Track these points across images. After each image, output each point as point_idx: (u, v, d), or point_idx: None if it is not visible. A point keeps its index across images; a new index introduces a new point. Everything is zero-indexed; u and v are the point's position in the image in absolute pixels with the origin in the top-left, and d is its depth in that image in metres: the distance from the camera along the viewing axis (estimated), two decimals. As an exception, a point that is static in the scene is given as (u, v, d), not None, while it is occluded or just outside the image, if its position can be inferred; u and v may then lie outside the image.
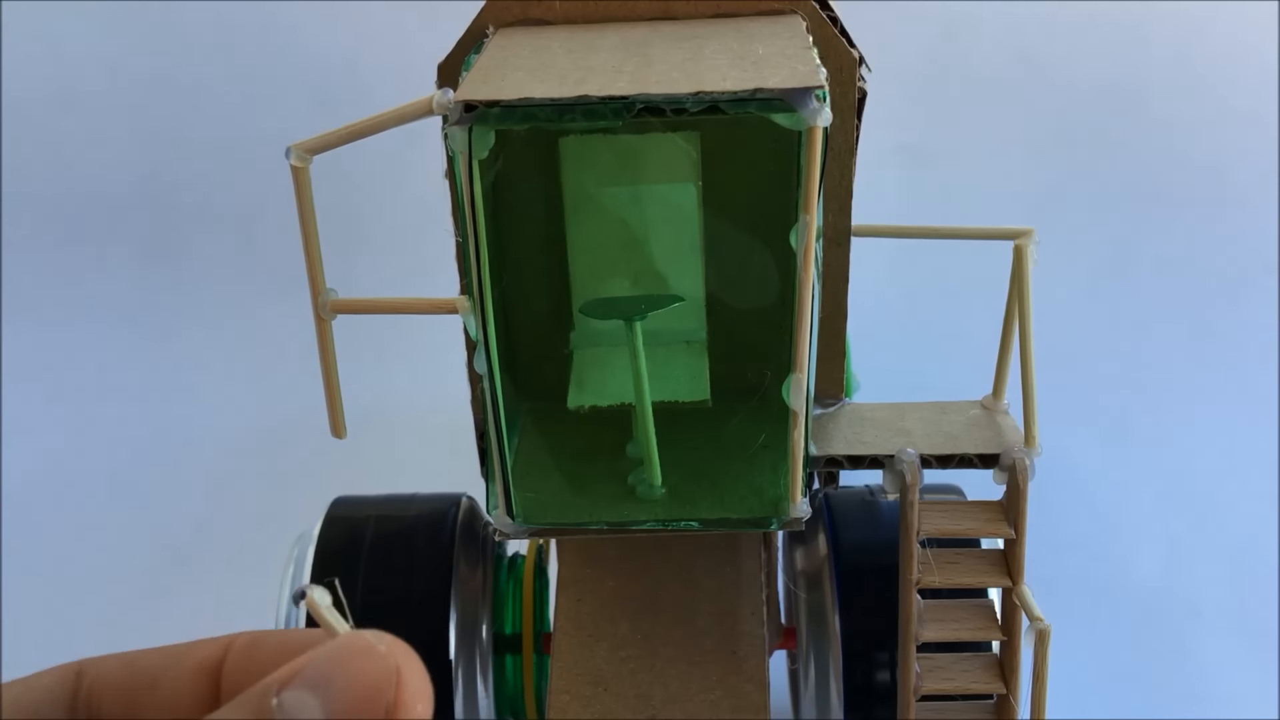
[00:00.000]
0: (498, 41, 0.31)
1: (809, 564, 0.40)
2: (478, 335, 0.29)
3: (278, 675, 0.21)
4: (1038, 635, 0.32)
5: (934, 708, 0.35)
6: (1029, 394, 0.34)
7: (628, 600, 0.37)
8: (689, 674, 0.36)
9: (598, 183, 0.32)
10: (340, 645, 0.22)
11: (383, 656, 0.21)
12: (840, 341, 0.37)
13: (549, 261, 0.34)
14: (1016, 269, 0.35)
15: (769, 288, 0.32)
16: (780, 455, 0.31)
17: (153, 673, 0.26)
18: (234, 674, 0.26)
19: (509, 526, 0.32)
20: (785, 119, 0.26)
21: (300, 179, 0.27)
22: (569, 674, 0.36)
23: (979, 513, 0.35)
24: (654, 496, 0.32)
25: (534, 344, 0.34)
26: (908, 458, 0.34)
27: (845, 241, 0.36)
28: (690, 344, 0.34)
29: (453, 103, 0.26)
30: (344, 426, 0.30)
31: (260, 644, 0.26)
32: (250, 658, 0.26)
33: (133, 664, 0.27)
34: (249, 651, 0.26)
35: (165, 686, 0.26)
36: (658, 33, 0.31)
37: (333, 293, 0.28)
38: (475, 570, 0.40)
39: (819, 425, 0.37)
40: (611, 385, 0.33)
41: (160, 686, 0.26)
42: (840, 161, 0.34)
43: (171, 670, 0.26)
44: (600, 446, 0.34)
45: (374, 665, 0.21)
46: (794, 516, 0.31)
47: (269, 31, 0.82)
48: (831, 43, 0.33)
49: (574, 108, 0.26)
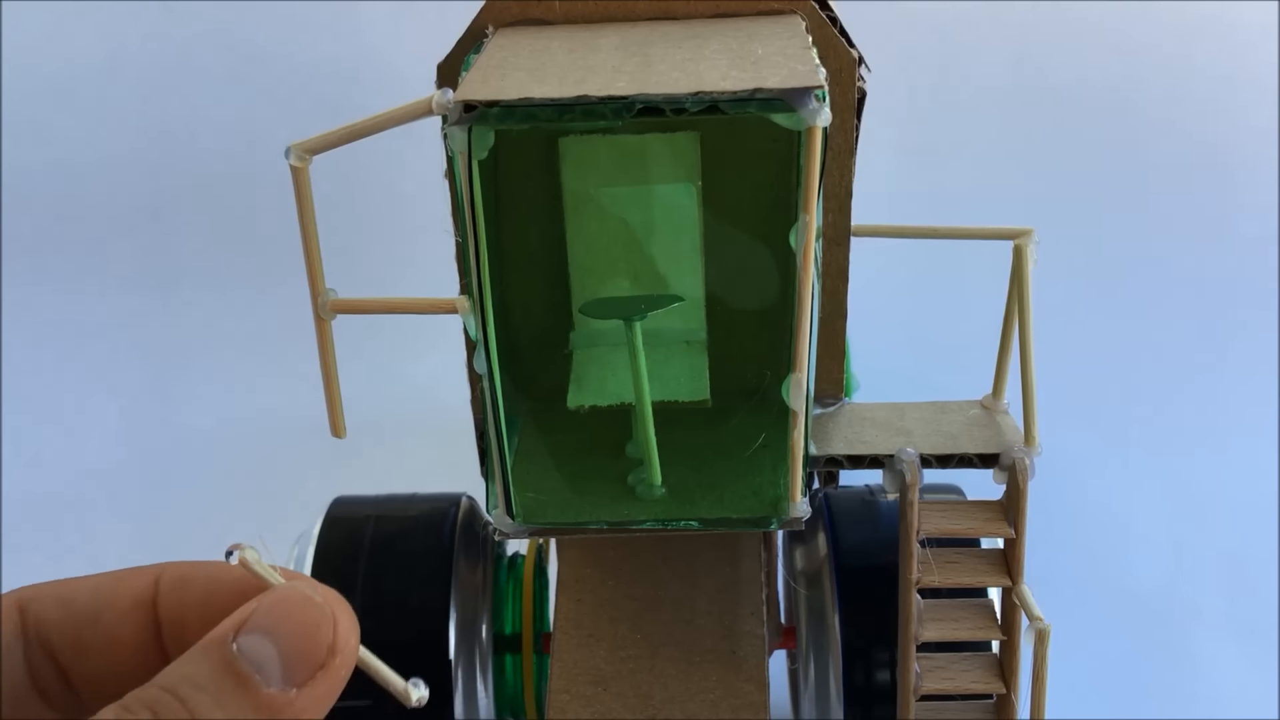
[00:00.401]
0: (497, 41, 0.31)
1: (809, 564, 0.40)
2: (477, 335, 0.29)
3: (230, 624, 0.24)
4: (1037, 635, 0.32)
5: (934, 707, 0.35)
6: (1029, 394, 0.34)
7: (628, 600, 0.37)
8: (689, 674, 0.36)
9: (598, 183, 0.32)
10: (282, 596, 0.25)
11: (319, 604, 0.25)
12: (840, 341, 0.37)
13: (549, 261, 0.34)
14: (1016, 269, 0.35)
15: (769, 288, 0.32)
16: (780, 455, 0.31)
17: (92, 609, 0.29)
18: (170, 609, 0.29)
19: (509, 526, 0.32)
20: (785, 119, 0.26)
21: (300, 179, 0.27)
22: (569, 674, 0.36)
23: (979, 512, 0.35)
24: (654, 496, 0.32)
25: (534, 344, 0.34)
26: (907, 457, 0.34)
27: (845, 241, 0.36)
28: (690, 344, 0.34)
29: (452, 103, 0.26)
30: (344, 426, 0.30)
31: (189, 580, 0.29)
32: (182, 593, 0.29)
33: (69, 602, 0.29)
34: (180, 587, 0.29)
35: (106, 621, 0.28)
36: (657, 33, 0.31)
37: (332, 293, 0.28)
38: (475, 570, 0.40)
39: (819, 425, 0.37)
40: (611, 385, 0.33)
41: (101, 621, 0.28)
42: (840, 161, 0.34)
43: (109, 608, 0.28)
44: (600, 446, 0.34)
45: (313, 611, 0.25)
46: (794, 516, 0.31)
47: (269, 31, 0.82)
48: (831, 43, 0.33)
49: (574, 108, 0.26)
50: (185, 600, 0.29)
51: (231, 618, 0.25)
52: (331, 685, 0.25)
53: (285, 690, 0.24)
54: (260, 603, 0.25)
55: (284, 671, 0.24)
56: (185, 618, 0.29)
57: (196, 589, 0.29)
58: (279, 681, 0.24)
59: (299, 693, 0.24)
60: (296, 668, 0.24)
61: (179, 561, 0.30)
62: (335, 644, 0.25)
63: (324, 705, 0.25)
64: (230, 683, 0.24)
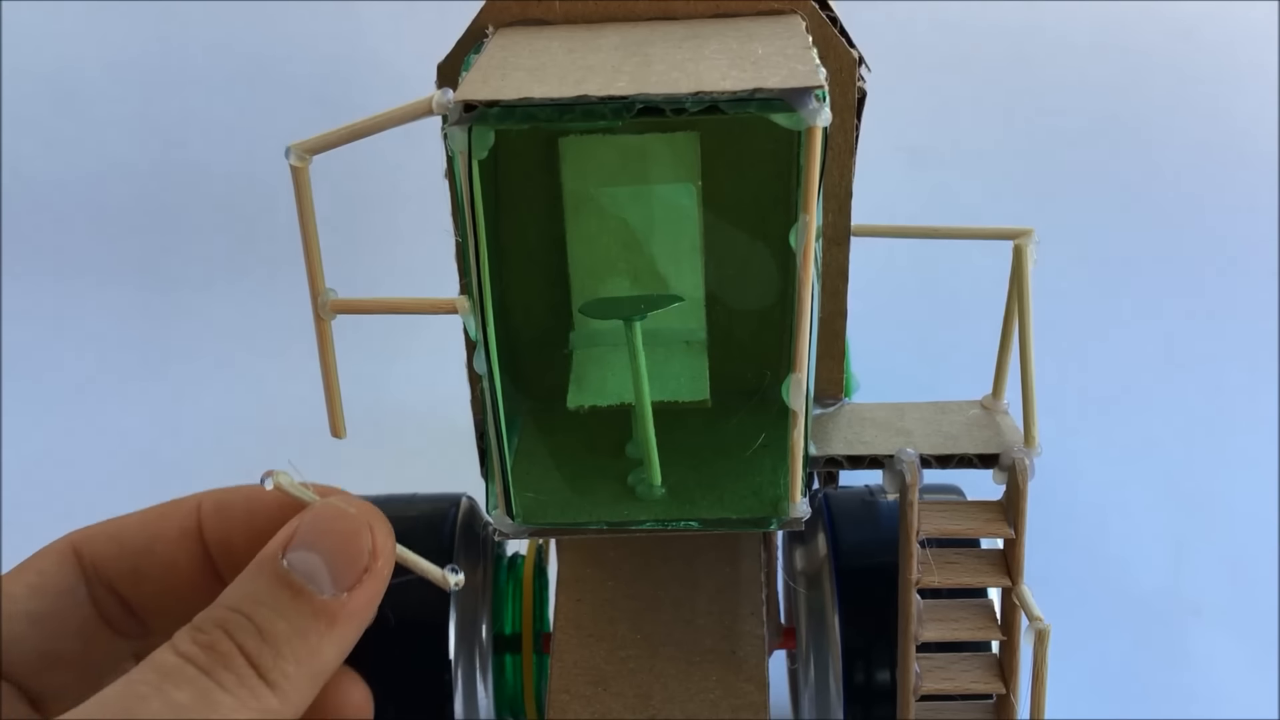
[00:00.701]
0: (497, 41, 0.31)
1: (809, 564, 0.40)
2: (477, 335, 0.29)
3: (276, 543, 0.27)
4: (1037, 635, 0.32)
5: (933, 707, 0.35)
6: (1029, 394, 0.34)
7: (627, 600, 0.37)
8: (689, 674, 0.36)
9: (597, 183, 0.32)
10: (320, 512, 0.27)
11: (354, 515, 0.27)
12: (840, 341, 0.37)
13: (548, 261, 0.34)
14: (1016, 269, 0.35)
15: (769, 288, 0.32)
16: (780, 455, 0.31)
17: (143, 542, 0.32)
18: (216, 534, 0.32)
19: (509, 526, 0.32)
20: (785, 119, 0.26)
21: (300, 178, 0.27)
22: (569, 674, 0.36)
23: (979, 513, 0.35)
24: (653, 496, 0.32)
25: (533, 344, 0.34)
26: (907, 457, 0.34)
27: (845, 241, 0.36)
28: (690, 344, 0.34)
29: (452, 103, 0.26)
30: (344, 426, 0.30)
31: (228, 506, 0.32)
32: (225, 518, 0.32)
33: (120, 538, 0.32)
34: (221, 513, 0.32)
35: (158, 552, 0.31)
36: (657, 33, 0.31)
37: (332, 292, 0.28)
38: (475, 570, 0.40)
39: (819, 425, 0.37)
40: (611, 385, 0.33)
41: (154, 553, 0.31)
42: (840, 161, 0.34)
43: (159, 540, 0.31)
44: (600, 446, 0.34)
45: (351, 523, 0.27)
46: (793, 516, 0.31)
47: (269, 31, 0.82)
48: (831, 43, 0.33)
49: (574, 108, 0.26)
50: (229, 525, 0.31)
51: (277, 537, 0.27)
52: (377, 585, 0.27)
53: (337, 595, 0.26)
54: (301, 520, 0.27)
55: (333, 578, 0.26)
56: (231, 540, 0.31)
57: (237, 514, 0.32)
58: (330, 588, 0.26)
59: (349, 595, 0.26)
60: (344, 574, 0.27)
61: (215, 489, 0.33)
62: (375, 548, 0.27)
63: (373, 603, 0.27)
64: (288, 595, 0.26)
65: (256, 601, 0.26)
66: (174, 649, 0.25)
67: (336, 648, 0.27)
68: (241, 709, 0.25)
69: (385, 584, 0.28)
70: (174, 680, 0.24)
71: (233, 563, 0.31)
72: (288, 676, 0.25)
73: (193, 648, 0.25)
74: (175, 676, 0.25)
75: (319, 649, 0.26)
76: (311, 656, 0.26)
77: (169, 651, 0.25)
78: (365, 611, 0.27)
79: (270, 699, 0.25)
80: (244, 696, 0.25)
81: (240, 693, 0.25)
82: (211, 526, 0.32)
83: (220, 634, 0.25)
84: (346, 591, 0.26)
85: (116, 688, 0.25)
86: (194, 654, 0.25)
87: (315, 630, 0.26)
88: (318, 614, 0.26)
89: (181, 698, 0.24)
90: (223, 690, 0.25)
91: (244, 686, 0.25)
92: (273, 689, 0.25)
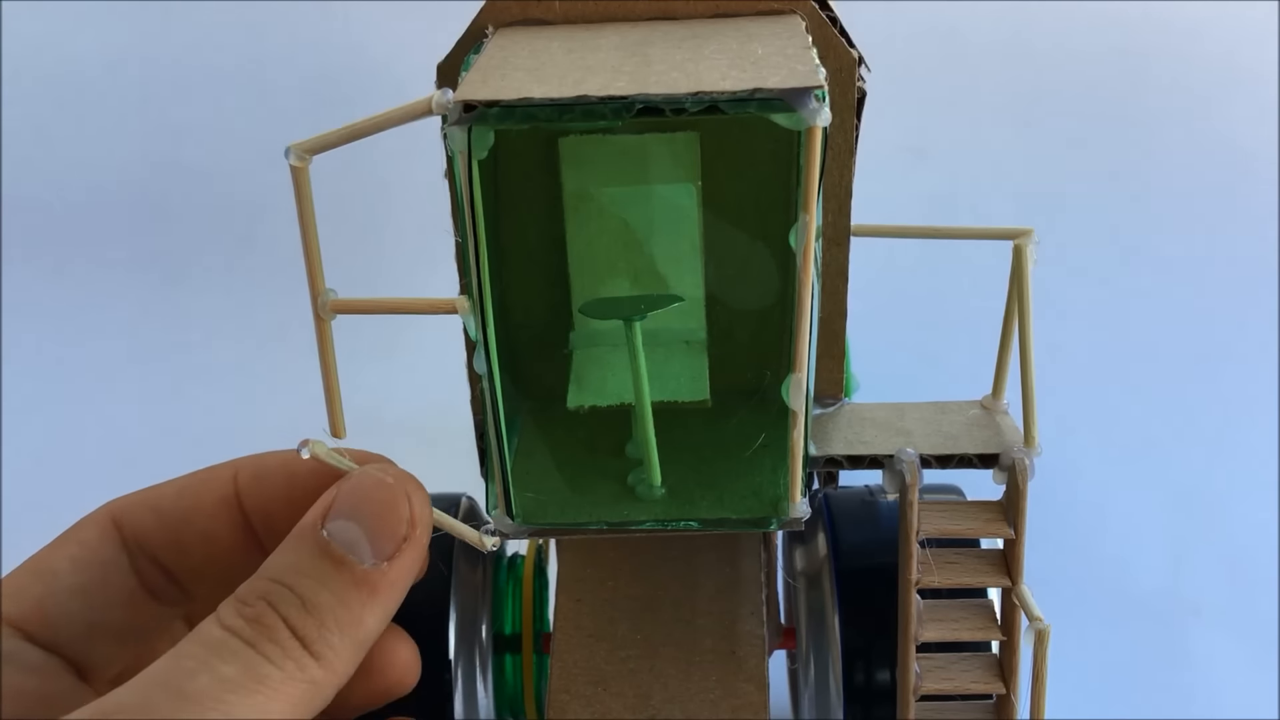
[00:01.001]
0: (497, 41, 0.31)
1: (808, 564, 0.40)
2: (477, 335, 0.29)
3: (315, 513, 0.27)
4: (1037, 635, 0.32)
5: (933, 708, 0.35)
6: (1028, 394, 0.34)
7: (627, 600, 0.37)
8: (689, 674, 0.36)
9: (597, 183, 0.32)
10: (358, 481, 0.28)
11: (392, 485, 0.27)
12: (840, 341, 0.37)
13: (548, 261, 0.34)
14: (1016, 269, 0.35)
15: (769, 288, 0.32)
16: (780, 455, 0.31)
17: (181, 513, 0.32)
18: (255, 502, 0.32)
19: (509, 526, 0.32)
20: (785, 119, 0.26)
21: (299, 179, 0.27)
22: (569, 674, 0.36)
23: (979, 513, 0.35)
24: (653, 496, 0.32)
25: (533, 344, 0.34)
26: (907, 458, 0.34)
27: (845, 241, 0.36)
28: (690, 344, 0.34)
29: (452, 103, 0.26)
30: (344, 427, 0.30)
31: (266, 475, 0.32)
32: (262, 487, 0.32)
33: (158, 509, 0.32)
34: (258, 482, 0.32)
35: (197, 522, 0.32)
36: (657, 33, 0.31)
37: (332, 293, 0.28)
38: (475, 570, 0.40)
39: (818, 425, 0.37)
40: (611, 385, 0.33)
41: (193, 523, 0.32)
42: (840, 161, 0.34)
43: (197, 511, 0.32)
44: (600, 446, 0.34)
45: (389, 492, 0.27)
46: (793, 516, 0.31)
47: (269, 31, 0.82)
48: (831, 43, 0.33)
49: (573, 108, 0.26)
50: (267, 493, 0.32)
51: (316, 507, 0.27)
52: (417, 553, 0.27)
53: (378, 564, 0.26)
54: (339, 490, 0.27)
55: (373, 548, 0.27)
56: (270, 508, 0.32)
57: (275, 482, 0.32)
58: (370, 557, 0.26)
59: (390, 564, 0.27)
60: (383, 543, 0.27)
61: (251, 456, 0.33)
62: (413, 517, 0.27)
63: (413, 571, 0.27)
64: (329, 565, 0.26)
65: (299, 572, 0.26)
66: (219, 622, 0.25)
67: (378, 616, 0.27)
68: (288, 681, 0.25)
69: (424, 552, 0.28)
70: (220, 654, 0.25)
71: (272, 529, 0.32)
72: (332, 647, 0.26)
73: (238, 620, 0.25)
74: (222, 650, 0.25)
75: (362, 618, 0.26)
76: (355, 626, 0.26)
77: (214, 625, 0.25)
78: (406, 579, 0.27)
79: (316, 669, 0.25)
80: (290, 669, 0.25)
81: (286, 665, 0.25)
82: (250, 495, 0.32)
83: (264, 606, 0.26)
84: (387, 561, 0.27)
85: (164, 662, 0.25)
86: (239, 627, 0.25)
87: (358, 600, 0.26)
88: (359, 584, 0.26)
89: (229, 671, 0.24)
90: (269, 663, 0.25)
91: (289, 658, 0.25)
92: (318, 660, 0.25)
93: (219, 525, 0.32)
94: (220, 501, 0.32)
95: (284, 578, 0.26)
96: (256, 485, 0.32)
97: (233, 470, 0.32)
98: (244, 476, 0.32)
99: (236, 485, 0.32)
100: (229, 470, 0.32)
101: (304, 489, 0.31)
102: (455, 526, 0.29)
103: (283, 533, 0.28)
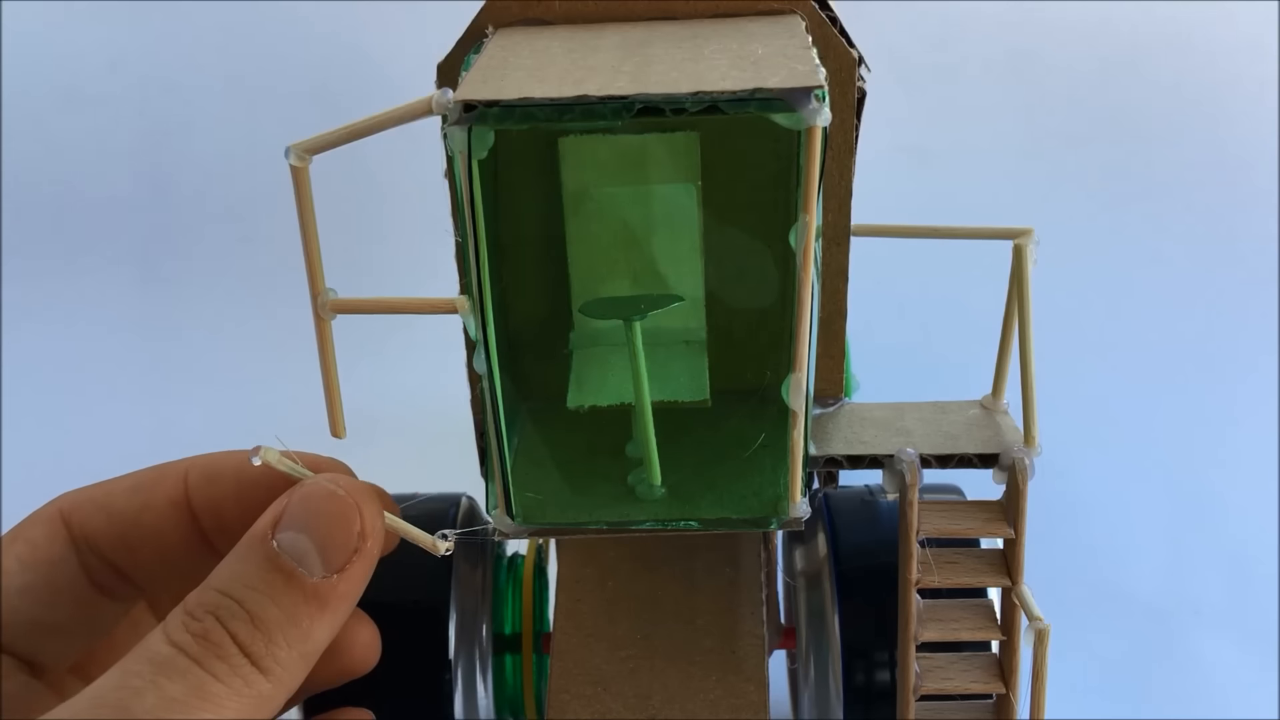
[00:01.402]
0: (497, 41, 0.31)
1: (808, 564, 0.40)
2: (477, 335, 0.29)
3: (265, 522, 0.27)
4: (1037, 635, 0.32)
5: (933, 707, 0.35)
6: (1028, 394, 0.34)
7: (627, 600, 0.37)
8: (689, 673, 0.36)
9: (597, 183, 0.32)
10: (309, 491, 0.27)
11: (343, 497, 0.27)
12: (839, 341, 0.37)
13: (548, 261, 0.34)
14: (1016, 269, 0.35)
15: (769, 288, 0.32)
16: (780, 455, 0.31)
17: (131, 512, 0.32)
18: (205, 504, 0.32)
19: (509, 526, 0.32)
20: (785, 119, 0.26)
21: (299, 178, 0.27)
22: (568, 674, 0.36)
23: (978, 513, 0.35)
24: (654, 496, 0.32)
25: (533, 344, 0.34)
26: (907, 457, 0.34)
27: (844, 241, 0.36)
28: (690, 344, 0.34)
29: (452, 103, 0.26)
30: (343, 426, 0.30)
31: (217, 477, 0.32)
32: (213, 489, 0.32)
33: (108, 507, 0.32)
34: (209, 483, 0.32)
35: (146, 521, 0.31)
36: (657, 33, 0.31)
37: (332, 292, 0.28)
38: (475, 570, 0.40)
39: (818, 425, 0.37)
40: (611, 385, 0.33)
41: (142, 522, 0.31)
42: (839, 161, 0.34)
43: (147, 510, 0.31)
44: (600, 446, 0.34)
45: (340, 504, 0.27)
46: (793, 516, 0.31)
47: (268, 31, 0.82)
48: (831, 43, 0.33)
49: (573, 108, 0.26)
50: (217, 496, 0.31)
51: (265, 516, 0.27)
52: (367, 565, 0.27)
53: (328, 577, 0.26)
54: (290, 500, 0.27)
55: (324, 561, 0.26)
56: (221, 510, 0.31)
57: (226, 485, 0.32)
58: (320, 570, 0.26)
59: (340, 577, 0.26)
60: (334, 556, 0.26)
61: (203, 456, 0.33)
62: (364, 529, 0.27)
63: (363, 582, 0.27)
64: (279, 578, 0.26)
65: (248, 586, 0.26)
66: (167, 638, 0.25)
67: (327, 628, 0.27)
68: (235, 697, 0.25)
69: (374, 563, 0.28)
70: (167, 672, 0.25)
71: (223, 530, 0.32)
72: (279, 662, 0.26)
73: (185, 636, 0.25)
74: (168, 669, 0.25)
75: (311, 632, 0.26)
76: (303, 640, 0.26)
77: (162, 640, 0.25)
78: (356, 591, 0.27)
79: (263, 684, 0.25)
80: (237, 686, 0.25)
81: (233, 682, 0.25)
82: (200, 496, 0.32)
83: (213, 621, 0.25)
84: (337, 573, 0.26)
85: (111, 680, 0.25)
86: (186, 643, 0.25)
87: (307, 614, 0.26)
88: (309, 598, 0.26)
89: (175, 690, 0.24)
90: (216, 680, 0.25)
91: (237, 675, 0.25)
92: (266, 675, 0.25)
93: (168, 526, 0.32)
94: (170, 502, 0.32)
95: (232, 591, 0.26)
96: (208, 487, 0.32)
97: (184, 469, 0.32)
98: (195, 478, 0.32)
99: (187, 485, 0.32)
100: (180, 470, 0.32)
101: (255, 491, 0.31)
102: (409, 531, 0.29)
103: (233, 534, 0.27)
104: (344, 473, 0.30)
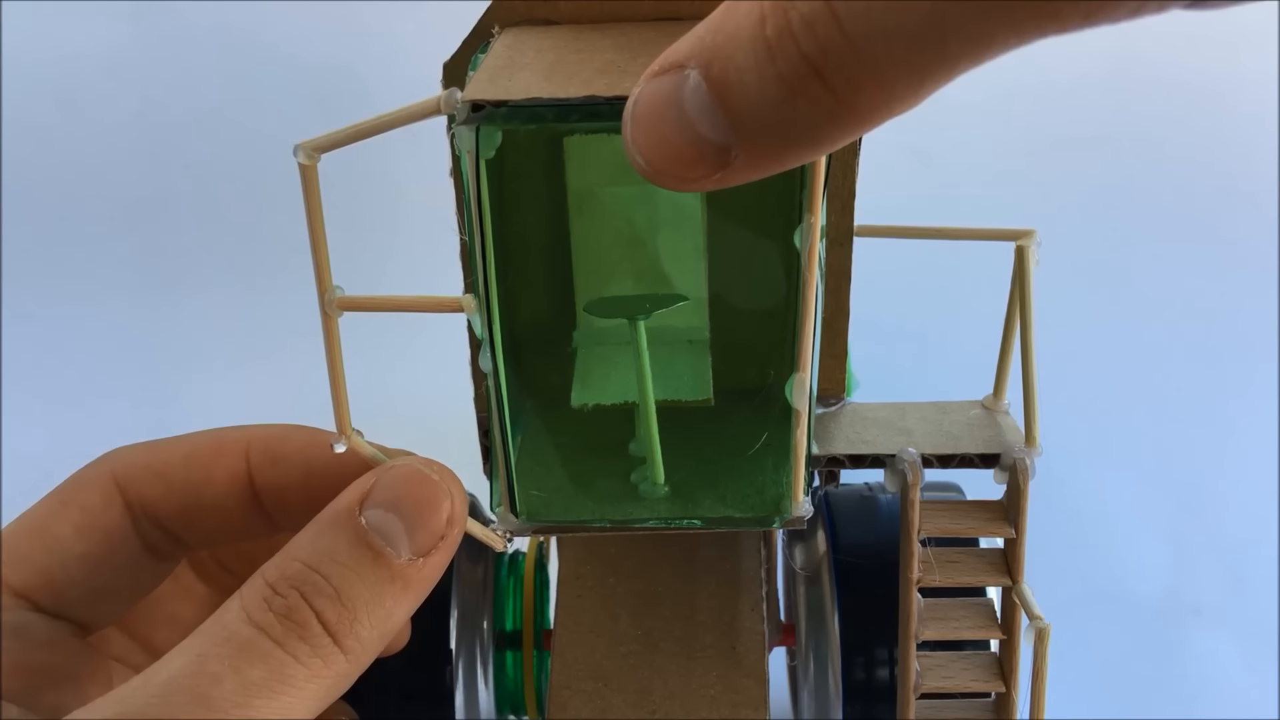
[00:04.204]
0: (504, 41, 0.31)
1: (808, 561, 0.40)
2: (483, 333, 0.29)
3: (353, 497, 0.26)
4: (1037, 634, 0.33)
5: (934, 706, 0.35)
6: (1030, 394, 0.34)
7: (628, 596, 0.37)
8: (689, 669, 0.36)
9: (602, 182, 0.32)
10: (401, 473, 0.27)
11: (436, 481, 0.27)
12: (842, 341, 0.38)
13: (553, 260, 0.34)
14: (1018, 269, 0.35)
15: (772, 288, 0.32)
16: (782, 454, 0.31)
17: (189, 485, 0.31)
18: (269, 484, 0.31)
19: (512, 524, 0.32)
20: (789, 119, 0.26)
21: (308, 177, 0.27)
22: (569, 670, 0.36)
23: (979, 512, 0.35)
24: (657, 495, 0.32)
25: (538, 342, 0.35)
26: (909, 457, 0.34)
27: (847, 242, 0.36)
28: (693, 343, 0.34)
29: (460, 102, 0.26)
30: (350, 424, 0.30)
31: (282, 459, 0.31)
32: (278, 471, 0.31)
33: (165, 476, 0.31)
34: (273, 465, 0.31)
35: (207, 496, 0.31)
36: (663, 32, 0.31)
37: (339, 290, 0.28)
38: (476, 567, 0.40)
39: (821, 424, 0.37)
40: (615, 384, 0.33)
41: (202, 495, 0.31)
42: (844, 162, 0.34)
43: (207, 485, 0.31)
44: (603, 445, 0.34)
45: (431, 488, 0.27)
46: (796, 515, 0.31)
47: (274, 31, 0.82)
48: (834, 43, 0.33)
49: (580, 107, 0.26)
50: (282, 478, 0.31)
51: (351, 491, 0.26)
52: (449, 552, 0.27)
53: (414, 560, 0.26)
54: (380, 478, 0.26)
55: (412, 543, 0.26)
56: (285, 492, 0.31)
57: (292, 468, 0.31)
58: (407, 552, 0.26)
59: (424, 561, 0.26)
60: (422, 539, 0.26)
61: (261, 429, 0.32)
62: (453, 515, 0.27)
63: (442, 570, 0.27)
64: (367, 557, 0.25)
65: (334, 561, 0.25)
66: (248, 617, 0.25)
67: (407, 612, 0.26)
68: (313, 679, 0.24)
69: (454, 551, 0.27)
70: (248, 656, 0.24)
71: (287, 512, 0.31)
72: (361, 641, 0.25)
73: (268, 616, 0.25)
74: (250, 652, 0.24)
75: (393, 613, 0.26)
76: (385, 621, 0.26)
77: (243, 620, 0.25)
78: (436, 577, 0.27)
79: (343, 664, 0.25)
80: (316, 667, 0.24)
81: (313, 663, 0.24)
82: (264, 477, 0.31)
83: (297, 597, 0.25)
84: (423, 558, 0.26)
85: (185, 663, 0.24)
86: (269, 624, 0.24)
87: (391, 595, 0.26)
88: (395, 578, 0.26)
89: (256, 675, 0.24)
90: (296, 662, 0.24)
91: (317, 656, 0.25)
92: (346, 655, 0.25)
93: (229, 501, 0.31)
94: (230, 479, 0.31)
95: (319, 565, 0.25)
96: (272, 468, 0.31)
97: (244, 445, 0.32)
98: (257, 457, 0.31)
99: (249, 463, 0.31)
100: (240, 444, 0.32)
101: (324, 475, 0.30)
102: (474, 527, 0.29)
103: (297, 512, 0.27)
104: (431, 460, 0.30)
